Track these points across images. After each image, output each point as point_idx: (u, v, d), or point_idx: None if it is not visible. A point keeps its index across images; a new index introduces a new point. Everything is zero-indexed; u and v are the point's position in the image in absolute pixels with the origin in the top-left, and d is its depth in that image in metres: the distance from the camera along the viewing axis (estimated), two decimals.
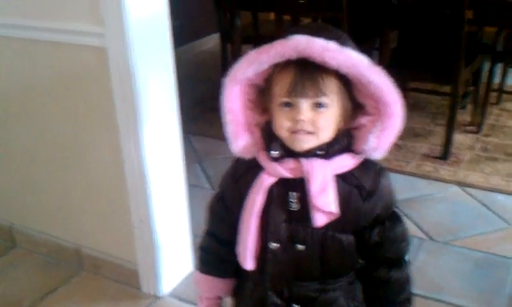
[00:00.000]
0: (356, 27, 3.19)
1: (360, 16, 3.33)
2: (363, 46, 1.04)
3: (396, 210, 1.17)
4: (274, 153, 1.08)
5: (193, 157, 3.11)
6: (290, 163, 1.07)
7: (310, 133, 1.04)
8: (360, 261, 1.17)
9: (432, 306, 1.97)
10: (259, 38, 3.66)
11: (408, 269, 1.19)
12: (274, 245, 1.12)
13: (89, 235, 2.19)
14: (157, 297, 2.06)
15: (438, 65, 3.01)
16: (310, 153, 1.06)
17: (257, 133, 1.12)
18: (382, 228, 1.13)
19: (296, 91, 1.02)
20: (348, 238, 1.12)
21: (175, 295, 2.08)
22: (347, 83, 1.05)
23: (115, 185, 2.00)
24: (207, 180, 2.91)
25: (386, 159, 1.13)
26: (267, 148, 1.09)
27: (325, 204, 1.05)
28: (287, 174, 1.08)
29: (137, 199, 1.95)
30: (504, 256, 2.21)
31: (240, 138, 1.12)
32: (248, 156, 1.14)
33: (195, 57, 5.07)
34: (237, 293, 1.29)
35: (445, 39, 2.90)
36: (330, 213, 1.06)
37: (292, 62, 1.02)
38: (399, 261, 1.17)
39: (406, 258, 1.19)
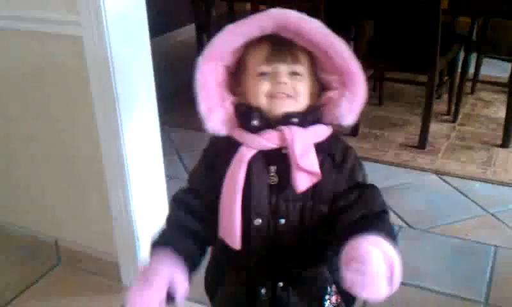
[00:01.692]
0: (333, 17, 3.20)
1: (336, 6, 3.34)
2: (340, 36, 1.10)
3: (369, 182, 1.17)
4: (255, 122, 1.09)
5: (171, 148, 3.09)
6: (271, 133, 1.09)
7: (289, 96, 1.09)
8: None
9: (411, 292, 2.00)
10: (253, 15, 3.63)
11: (391, 225, 1.11)
12: (257, 221, 1.12)
13: (68, 228, 2.16)
14: None
15: (413, 55, 3.03)
16: (287, 122, 1.09)
17: (231, 111, 1.13)
18: (358, 190, 1.13)
19: (274, 57, 1.08)
20: (326, 209, 1.13)
21: None
22: (314, 62, 1.12)
23: (93, 177, 1.97)
24: (185, 171, 2.89)
25: (363, 149, 1.14)
26: (245, 121, 1.10)
27: (309, 165, 1.07)
28: (268, 143, 1.09)
29: (115, 191, 1.92)
30: (482, 243, 2.25)
31: (215, 112, 1.12)
32: (222, 132, 1.13)
33: (171, 48, 5.02)
34: (215, 288, 1.25)
35: (420, 29, 2.92)
36: (313, 174, 1.07)
37: (264, 38, 1.09)
38: (381, 213, 1.10)
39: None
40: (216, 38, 1.11)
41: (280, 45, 1.09)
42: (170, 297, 1.03)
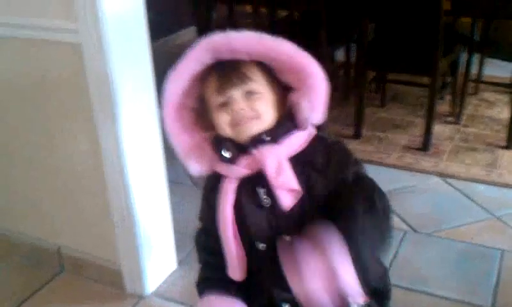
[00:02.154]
0: (334, 20, 3.19)
1: (337, 9, 3.32)
2: (341, 39, 1.09)
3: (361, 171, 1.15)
4: (226, 154, 1.10)
5: (173, 153, 3.06)
6: (244, 159, 1.09)
7: (251, 118, 1.08)
8: None
9: (416, 297, 1.98)
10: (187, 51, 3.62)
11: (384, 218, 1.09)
12: (262, 245, 1.13)
13: (70, 235, 2.14)
14: (141, 297, 2.03)
15: (416, 56, 3.01)
16: (258, 142, 1.08)
17: (208, 148, 1.14)
18: (352, 183, 1.11)
19: (224, 85, 1.08)
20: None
21: (160, 294, 2.05)
22: (267, 69, 1.11)
23: (94, 184, 1.96)
24: (187, 176, 2.87)
25: (366, 152, 1.13)
26: (219, 153, 1.11)
27: (284, 182, 1.07)
28: (244, 170, 1.09)
29: (117, 197, 1.91)
30: (487, 246, 2.22)
31: (192, 156, 1.15)
32: (204, 171, 1.17)
33: (171, 51, 5.00)
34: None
35: (422, 31, 2.90)
36: (293, 190, 1.07)
37: (213, 69, 1.10)
38: (373, 199, 1.08)
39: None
40: (164, 90, 1.12)
41: (226, 71, 1.08)
42: None
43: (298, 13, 3.46)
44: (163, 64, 3.91)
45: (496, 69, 3.76)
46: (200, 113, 1.15)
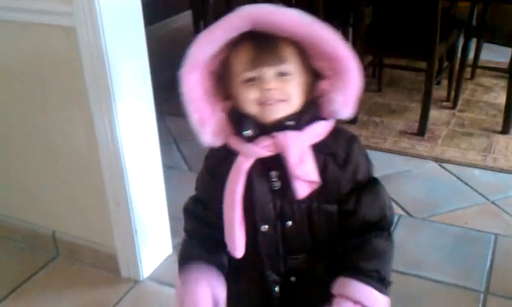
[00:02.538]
0: (331, 3, 3.17)
1: None
2: (338, 22, 1.06)
3: (374, 176, 1.17)
4: (248, 133, 1.06)
5: (169, 137, 3.07)
6: (265, 140, 1.06)
7: (280, 100, 1.05)
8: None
9: (411, 281, 1.99)
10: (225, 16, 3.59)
11: (388, 242, 1.14)
12: (264, 226, 1.12)
13: (65, 220, 2.14)
14: (136, 281, 2.03)
15: (412, 41, 3.00)
16: (282, 127, 1.06)
17: (223, 119, 1.11)
18: (360, 193, 1.12)
19: (257, 61, 1.03)
20: (333, 207, 1.12)
21: (155, 278, 2.05)
22: (302, 51, 1.06)
23: (90, 169, 1.96)
24: (183, 160, 2.88)
25: (363, 136, 1.13)
26: (238, 130, 1.08)
27: (305, 173, 1.05)
28: (263, 152, 1.06)
29: (113, 182, 1.91)
30: (482, 231, 2.23)
31: (207, 125, 1.10)
32: (217, 143, 1.12)
33: (168, 35, 4.99)
34: (228, 285, 1.23)
35: (419, 15, 2.89)
36: (311, 182, 1.06)
37: (245, 37, 1.04)
38: (378, 227, 1.13)
39: (389, 227, 1.16)
40: (192, 47, 1.06)
41: (262, 46, 1.03)
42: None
43: None
44: (159, 48, 3.89)
45: (493, 54, 3.75)
46: (221, 79, 1.11)
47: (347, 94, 1.07)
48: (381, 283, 1.09)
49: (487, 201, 2.44)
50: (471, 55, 3.44)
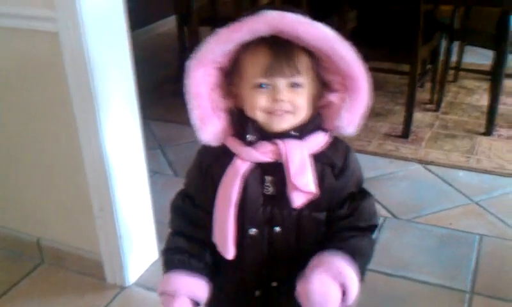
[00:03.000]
0: (315, 5, 3.18)
1: None
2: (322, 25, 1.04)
3: (364, 185, 1.18)
4: (250, 137, 1.06)
5: (154, 142, 3.06)
6: (266, 146, 1.06)
7: (288, 112, 1.04)
8: None
9: (397, 283, 1.99)
10: (217, 20, 3.61)
11: (372, 246, 1.15)
12: (252, 230, 1.11)
13: (50, 226, 2.13)
14: (122, 287, 2.02)
15: (396, 44, 3.03)
16: (284, 135, 1.05)
17: (224, 119, 1.10)
18: (353, 201, 1.13)
19: (273, 70, 1.01)
20: (322, 215, 1.12)
21: (141, 284, 2.04)
22: (315, 61, 1.05)
23: (74, 175, 1.94)
24: (168, 165, 2.87)
25: (347, 139, 1.13)
26: (239, 133, 1.07)
27: (304, 184, 1.04)
28: (263, 157, 1.06)
29: (97, 187, 1.90)
30: (467, 232, 2.25)
31: (207, 123, 1.08)
32: (215, 143, 1.11)
33: (152, 40, 4.98)
34: (214, 281, 1.22)
35: (402, 18, 2.91)
36: (309, 193, 1.05)
37: (262, 41, 1.02)
38: (367, 230, 1.14)
39: (374, 234, 1.17)
40: (208, 42, 1.04)
41: (280, 54, 1.01)
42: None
43: (280, 0, 3.45)
44: (143, 53, 3.88)
45: (475, 56, 3.79)
46: (228, 76, 1.08)
47: (354, 112, 1.06)
48: (360, 272, 1.07)
49: (471, 202, 2.46)
50: (454, 58, 3.48)
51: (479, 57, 3.78)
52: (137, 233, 2.04)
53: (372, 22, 3.13)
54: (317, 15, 1.12)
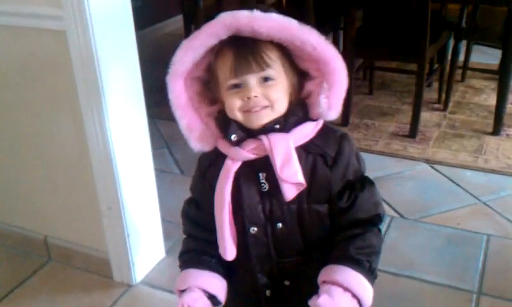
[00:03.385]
0: (321, 7, 3.18)
1: None
2: (328, 25, 1.03)
3: (365, 174, 1.17)
4: (233, 137, 1.07)
5: (161, 141, 3.06)
6: (251, 143, 1.07)
7: (265, 107, 1.04)
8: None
9: (404, 282, 1.99)
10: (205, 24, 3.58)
11: (379, 238, 1.14)
12: (253, 229, 1.12)
13: (57, 224, 2.13)
14: (129, 286, 2.03)
15: (403, 43, 3.02)
16: (268, 129, 1.06)
17: (211, 124, 1.11)
18: (352, 191, 1.12)
19: (239, 69, 1.02)
20: (324, 208, 1.12)
21: (148, 282, 2.05)
22: (286, 52, 1.05)
23: (81, 173, 1.95)
24: (175, 164, 2.87)
25: (355, 138, 1.13)
26: (225, 134, 1.08)
27: (291, 175, 1.04)
28: (250, 155, 1.07)
29: (104, 186, 1.90)
30: (474, 232, 2.24)
31: (194, 131, 1.10)
32: (207, 148, 1.13)
33: (159, 40, 4.98)
34: (227, 282, 1.23)
35: (410, 17, 2.90)
36: (298, 183, 1.05)
37: (227, 43, 1.03)
38: (370, 223, 1.13)
39: (380, 225, 1.15)
40: (175, 55, 1.06)
41: (244, 53, 1.02)
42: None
43: (285, 0, 3.46)
44: (150, 52, 3.89)
45: (483, 56, 3.78)
46: (207, 84, 1.10)
47: (332, 96, 1.06)
48: (370, 273, 1.08)
49: (479, 202, 2.45)
50: (461, 57, 3.46)
51: (487, 56, 3.76)
52: (144, 231, 2.04)
53: (378, 21, 3.12)
54: (324, 15, 1.11)
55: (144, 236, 2.05)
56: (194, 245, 1.20)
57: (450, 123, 3.20)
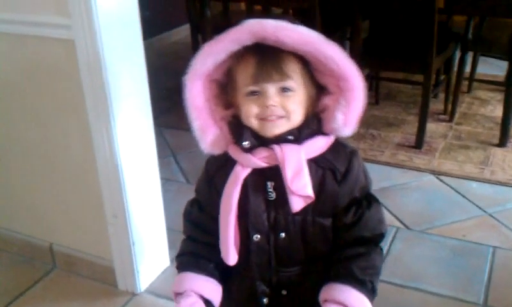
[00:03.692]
0: (328, 17, 3.19)
1: (331, 6, 3.32)
2: (335, 36, 1.04)
3: (371, 192, 1.17)
4: (246, 144, 1.07)
5: (166, 150, 3.07)
6: (263, 152, 1.07)
7: (281, 117, 1.05)
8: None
9: (409, 294, 1.98)
10: (230, 28, 3.60)
11: (381, 257, 1.15)
12: (256, 236, 1.13)
13: (62, 232, 2.14)
14: (134, 294, 2.03)
15: (409, 54, 3.02)
16: (281, 139, 1.06)
17: (224, 128, 1.11)
18: (359, 208, 1.12)
19: (260, 76, 1.03)
20: (328, 221, 1.13)
21: (152, 291, 2.05)
22: (307, 65, 1.06)
23: (88, 181, 1.96)
24: (181, 173, 2.87)
25: (360, 149, 1.13)
26: (238, 140, 1.08)
27: (300, 188, 1.05)
28: (260, 163, 1.07)
29: (110, 194, 1.90)
30: (480, 243, 2.23)
31: (208, 133, 1.10)
32: (217, 151, 1.13)
33: (166, 49, 5.01)
34: (224, 287, 1.24)
35: (416, 29, 2.91)
36: (306, 197, 1.06)
37: (249, 50, 1.03)
38: (373, 241, 1.14)
39: (381, 243, 1.16)
40: (196, 56, 1.07)
41: (266, 61, 1.02)
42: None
43: (292, 10, 3.46)
44: (157, 61, 3.90)
45: (489, 67, 3.78)
46: (224, 88, 1.10)
47: (348, 112, 1.06)
48: (372, 293, 1.09)
49: (485, 213, 2.44)
50: (467, 68, 3.46)
51: (493, 67, 3.76)
52: (149, 240, 2.04)
53: (385, 32, 3.12)
54: (330, 25, 1.11)
55: (149, 244, 2.05)
56: (193, 248, 1.20)
57: (456, 134, 3.19)
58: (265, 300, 1.18)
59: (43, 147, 2.01)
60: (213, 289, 1.17)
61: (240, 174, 1.08)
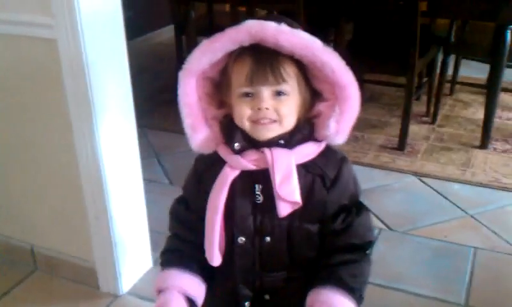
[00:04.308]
0: (312, 19, 3.20)
1: (315, 8, 3.33)
2: (319, 37, 1.04)
3: (361, 200, 1.17)
4: (236, 145, 1.06)
5: (150, 151, 3.05)
6: (253, 154, 1.06)
7: (273, 121, 1.04)
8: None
9: (391, 295, 1.99)
10: (214, 30, 3.59)
11: (369, 266, 1.15)
12: (241, 239, 1.12)
13: (43, 233, 2.12)
14: (116, 296, 2.01)
15: (393, 57, 3.04)
16: (272, 143, 1.05)
17: (215, 127, 1.11)
18: (348, 215, 1.12)
19: (256, 78, 1.02)
20: (314, 227, 1.12)
21: (135, 293, 2.03)
22: (303, 69, 1.05)
23: (69, 182, 1.94)
24: (164, 174, 2.86)
25: (344, 150, 1.13)
26: (228, 141, 1.08)
27: (288, 193, 1.04)
28: (250, 165, 1.06)
29: (92, 195, 1.89)
30: (462, 244, 2.25)
31: (198, 131, 1.10)
32: (207, 151, 1.12)
33: (150, 50, 4.99)
34: (207, 287, 1.23)
35: (399, 31, 2.93)
36: (294, 202, 1.05)
37: (246, 50, 1.02)
38: (363, 249, 1.14)
39: (369, 251, 1.16)
40: (193, 53, 1.05)
41: (262, 63, 1.01)
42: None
43: (276, 12, 3.47)
44: (140, 62, 3.88)
45: (471, 70, 3.81)
46: (218, 86, 1.10)
47: (342, 121, 1.06)
48: (360, 301, 1.10)
49: (466, 215, 2.46)
50: (450, 71, 3.49)
51: (475, 70, 3.80)
52: (131, 241, 2.03)
53: (368, 35, 3.14)
54: (314, 27, 1.12)
55: (132, 246, 2.04)
56: (178, 245, 1.19)
57: (438, 136, 3.22)
58: (246, 304, 1.17)
59: (24, 147, 1.99)
60: (197, 287, 1.16)
61: (228, 175, 1.08)
